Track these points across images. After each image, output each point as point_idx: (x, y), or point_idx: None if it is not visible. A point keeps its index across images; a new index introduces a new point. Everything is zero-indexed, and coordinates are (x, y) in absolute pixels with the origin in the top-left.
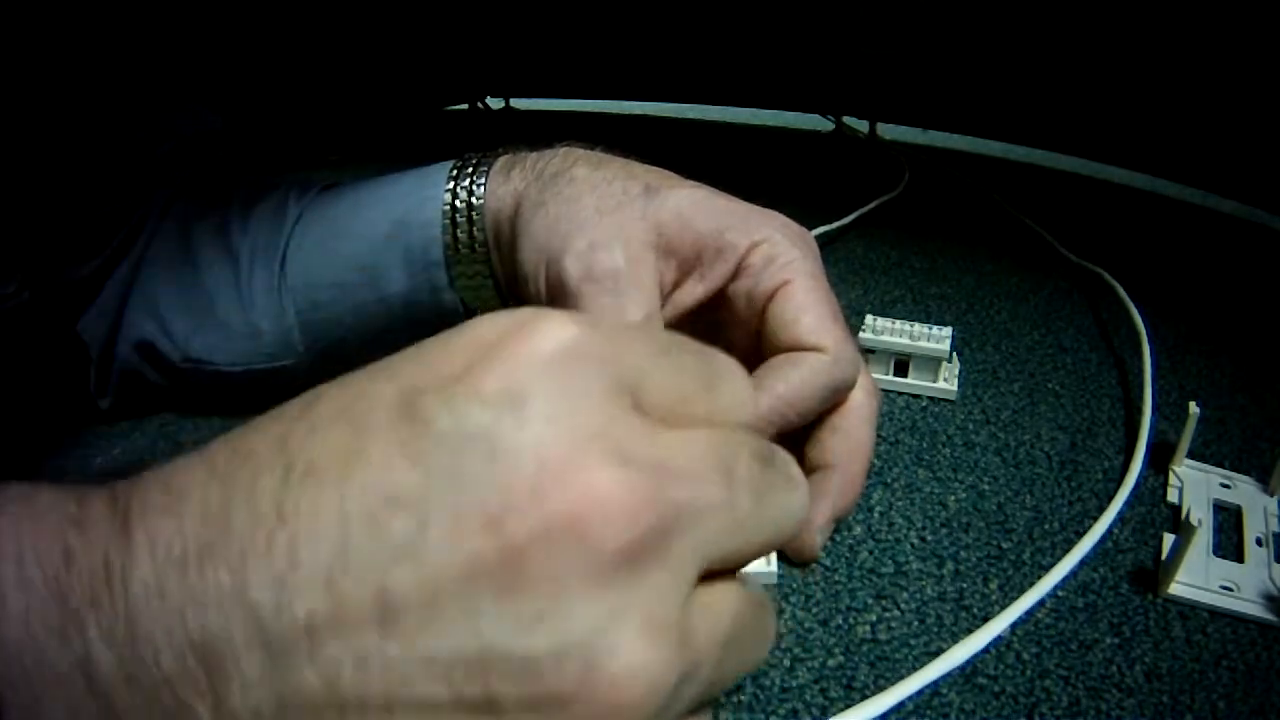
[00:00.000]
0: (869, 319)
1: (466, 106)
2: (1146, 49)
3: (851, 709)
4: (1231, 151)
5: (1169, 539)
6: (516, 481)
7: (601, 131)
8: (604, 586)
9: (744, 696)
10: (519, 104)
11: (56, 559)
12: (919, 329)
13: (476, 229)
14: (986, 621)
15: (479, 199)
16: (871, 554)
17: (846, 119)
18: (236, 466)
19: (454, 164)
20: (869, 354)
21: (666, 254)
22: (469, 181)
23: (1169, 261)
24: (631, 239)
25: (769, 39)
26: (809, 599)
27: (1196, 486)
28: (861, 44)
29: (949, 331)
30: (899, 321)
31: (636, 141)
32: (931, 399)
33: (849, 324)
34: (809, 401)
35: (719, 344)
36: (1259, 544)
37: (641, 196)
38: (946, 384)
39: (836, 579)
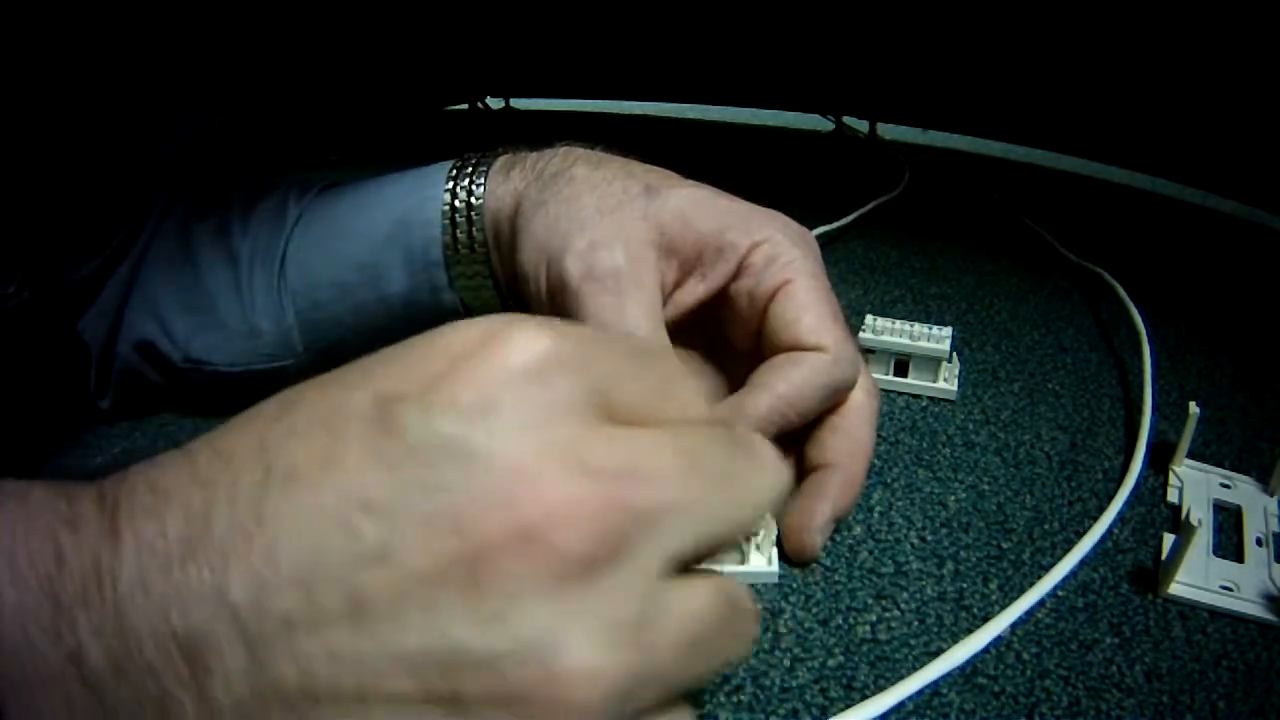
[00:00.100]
0: (869, 319)
1: (466, 106)
2: (1146, 49)
3: (851, 709)
4: (1231, 151)
5: (1169, 539)
6: (484, 490)
7: (601, 131)
8: (561, 590)
9: (744, 696)
10: (519, 104)
11: (49, 559)
12: (919, 329)
13: (476, 229)
14: (986, 621)
15: (479, 199)
16: (871, 554)
17: (846, 119)
18: (218, 470)
19: (454, 164)
20: (869, 354)
21: (668, 253)
22: (469, 181)
23: (1169, 261)
24: (632, 238)
25: (769, 39)
26: (809, 599)
27: (1196, 486)
28: (861, 44)
29: (949, 331)
30: (899, 321)
31: (636, 141)
32: (931, 399)
33: (849, 324)
34: (809, 401)
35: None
36: (1259, 544)
37: (642, 196)
38: (946, 384)
39: (836, 579)
